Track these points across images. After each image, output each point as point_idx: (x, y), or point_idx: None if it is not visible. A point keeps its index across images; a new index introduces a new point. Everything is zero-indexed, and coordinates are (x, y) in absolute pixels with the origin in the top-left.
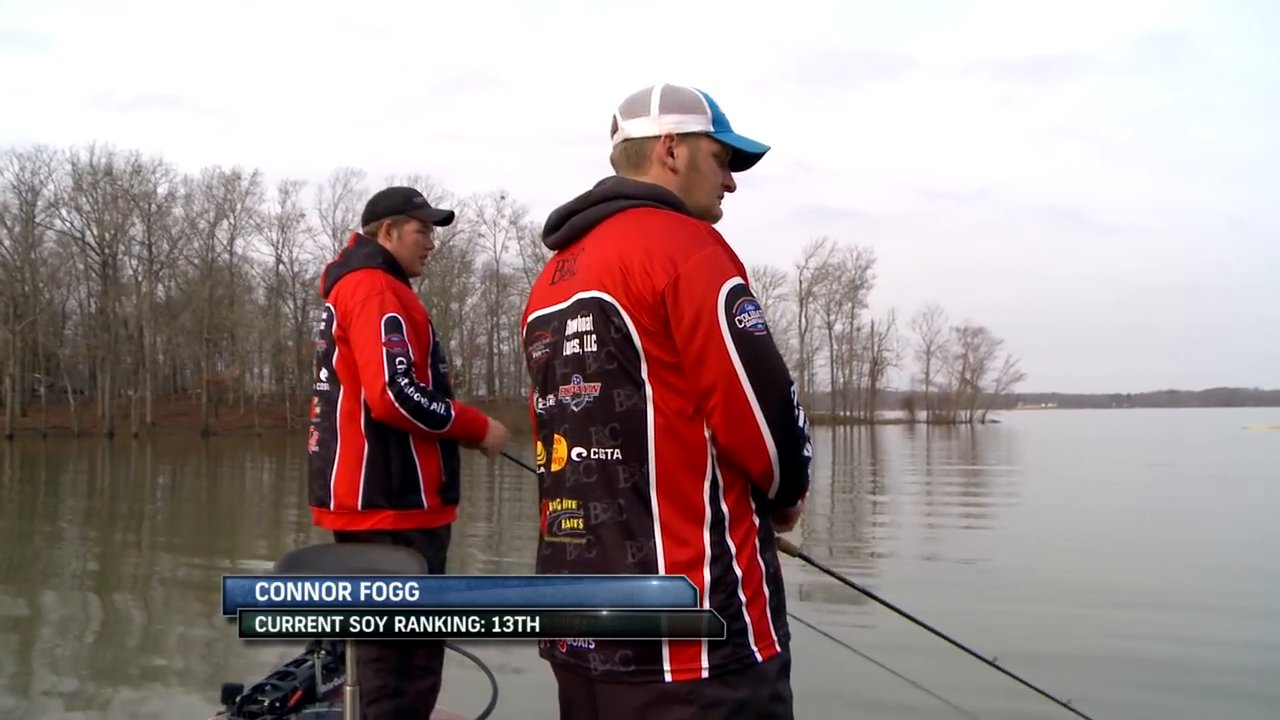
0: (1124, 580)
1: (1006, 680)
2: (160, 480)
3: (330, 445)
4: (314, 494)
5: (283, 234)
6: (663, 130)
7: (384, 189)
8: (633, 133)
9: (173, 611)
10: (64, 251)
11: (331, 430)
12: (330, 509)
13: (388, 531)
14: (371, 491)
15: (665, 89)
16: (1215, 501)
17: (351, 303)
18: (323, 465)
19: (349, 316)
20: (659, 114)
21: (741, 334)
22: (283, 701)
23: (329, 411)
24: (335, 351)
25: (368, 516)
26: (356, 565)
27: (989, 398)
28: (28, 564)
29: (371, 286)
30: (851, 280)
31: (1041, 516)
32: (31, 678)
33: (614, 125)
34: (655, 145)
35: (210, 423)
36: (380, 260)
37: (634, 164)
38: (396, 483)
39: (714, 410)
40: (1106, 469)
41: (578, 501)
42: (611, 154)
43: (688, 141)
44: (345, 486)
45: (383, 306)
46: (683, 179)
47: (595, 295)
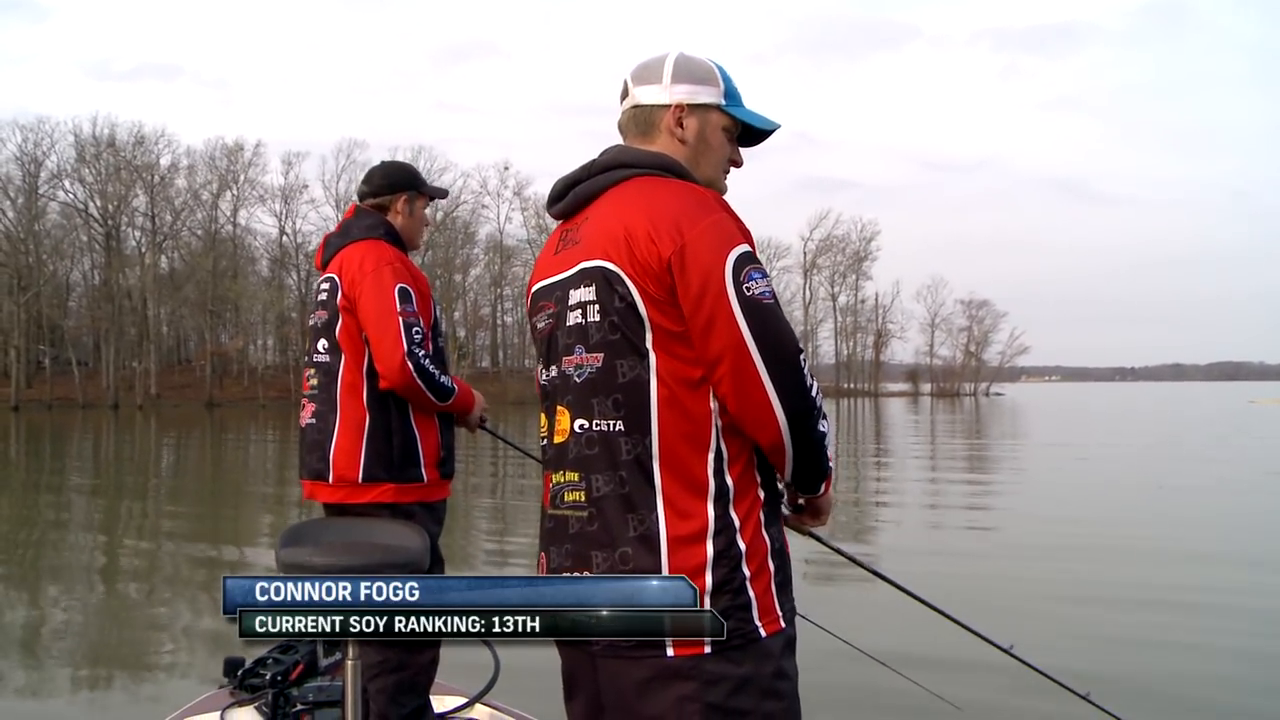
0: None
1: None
2: (165, 453)
3: (328, 417)
4: (309, 467)
5: (286, 205)
6: (674, 100)
7: (389, 161)
8: (643, 99)
9: (175, 586)
10: (67, 223)
11: (330, 402)
12: (328, 482)
13: (387, 505)
14: (372, 464)
15: (680, 57)
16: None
17: (360, 273)
18: (320, 438)
19: (357, 286)
20: (671, 83)
21: (749, 301)
22: (284, 675)
23: (328, 384)
24: (338, 322)
25: (368, 489)
26: (359, 539)
27: (993, 370)
28: (33, 542)
29: (380, 257)
30: (856, 252)
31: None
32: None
33: (625, 90)
34: (665, 114)
35: (214, 394)
36: (383, 232)
37: (642, 131)
38: (397, 455)
39: (722, 379)
40: (1170, 458)
41: (579, 474)
42: (620, 119)
43: (698, 113)
44: (345, 459)
45: (395, 276)
46: (690, 150)
47: (599, 264)
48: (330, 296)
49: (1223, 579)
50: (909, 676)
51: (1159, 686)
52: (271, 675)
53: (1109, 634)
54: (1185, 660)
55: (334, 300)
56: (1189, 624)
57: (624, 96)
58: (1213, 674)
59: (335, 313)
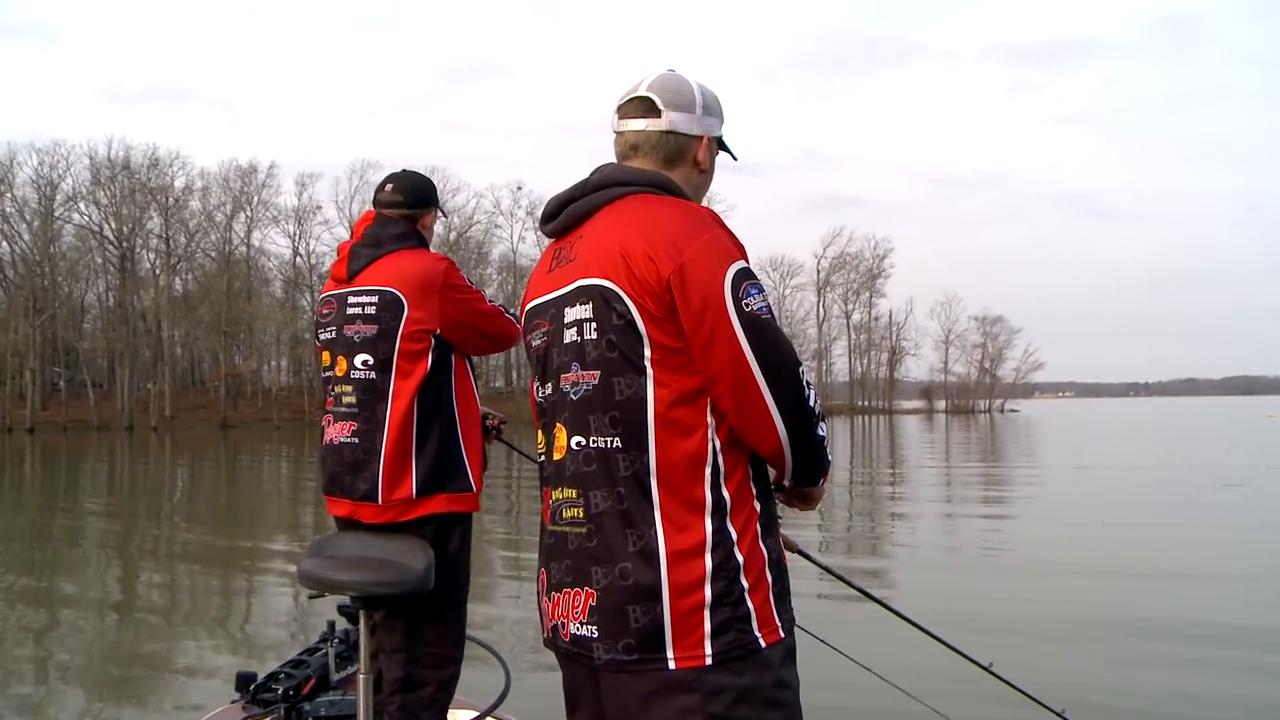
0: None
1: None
2: (180, 474)
3: (374, 436)
4: (353, 488)
5: (299, 226)
6: (704, 131)
7: (414, 172)
8: (679, 127)
9: (189, 601)
10: (82, 245)
11: (375, 420)
12: (378, 503)
13: (440, 515)
14: (426, 478)
15: (702, 88)
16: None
17: (431, 282)
18: (367, 457)
19: (433, 292)
20: (702, 114)
21: (748, 317)
22: (296, 689)
23: (371, 401)
24: (396, 335)
25: (421, 504)
26: (370, 555)
27: (1007, 387)
28: (50, 558)
29: (439, 261)
30: (869, 269)
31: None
32: (47, 671)
33: (649, 108)
34: (696, 145)
35: (228, 415)
36: (418, 242)
37: (668, 157)
38: (448, 467)
39: (723, 395)
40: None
41: (577, 490)
42: (637, 137)
43: (712, 145)
44: (399, 478)
45: (464, 278)
46: (703, 179)
47: (596, 282)
48: (381, 310)
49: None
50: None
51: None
52: (284, 690)
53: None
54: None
55: (388, 314)
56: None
57: (645, 114)
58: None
59: (392, 327)
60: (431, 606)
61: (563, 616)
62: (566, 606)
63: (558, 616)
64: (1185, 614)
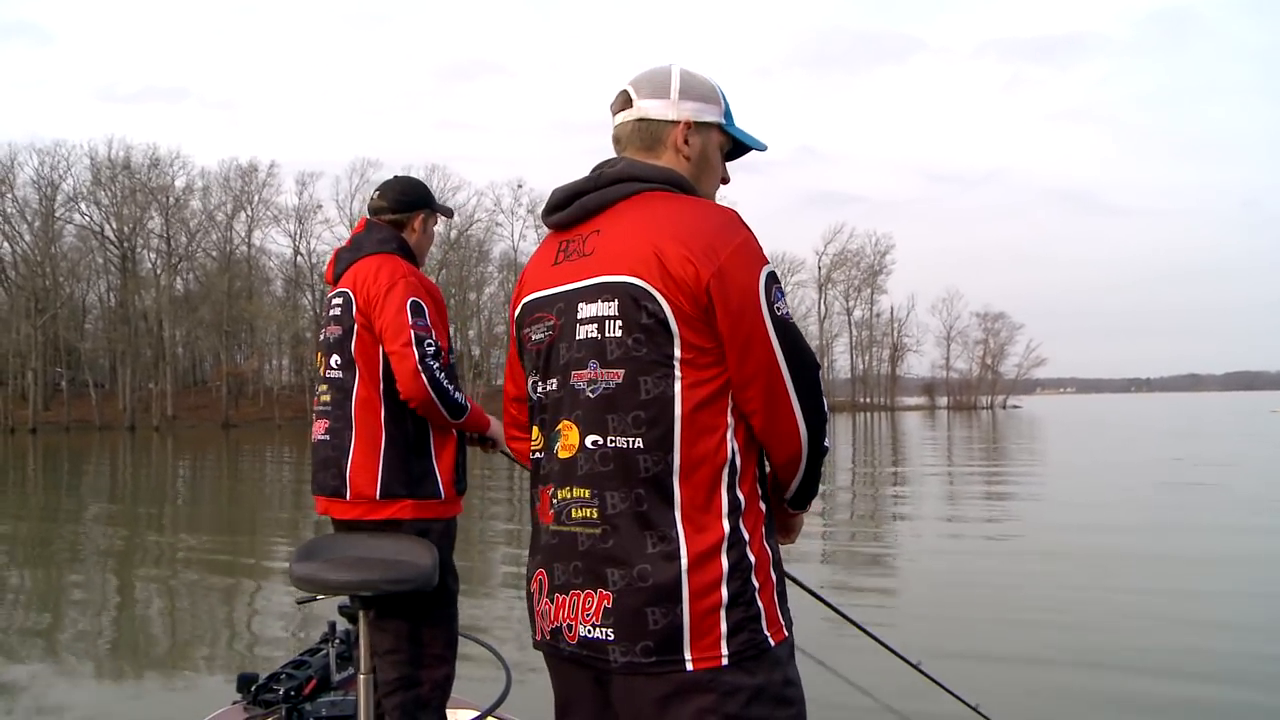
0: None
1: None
2: (181, 474)
3: (344, 434)
4: (325, 484)
5: (300, 225)
6: (681, 116)
7: (404, 177)
8: (650, 113)
9: (189, 602)
10: (83, 245)
11: (345, 418)
12: (345, 498)
13: (406, 521)
14: (390, 480)
15: (684, 74)
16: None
17: (375, 287)
18: (336, 454)
19: (373, 301)
20: (679, 99)
21: (779, 321)
22: (297, 690)
23: (342, 400)
24: (353, 337)
25: (385, 506)
26: (371, 554)
27: (1009, 383)
28: (50, 559)
29: (394, 270)
30: (870, 266)
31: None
32: (50, 671)
33: (625, 100)
34: (672, 130)
35: (230, 415)
36: (395, 246)
37: (646, 145)
38: (415, 472)
39: (754, 397)
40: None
41: (591, 490)
42: (618, 130)
43: (701, 131)
44: (363, 475)
45: (408, 290)
46: (693, 167)
47: (624, 280)
48: (344, 311)
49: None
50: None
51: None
52: (285, 691)
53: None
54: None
55: (348, 315)
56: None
57: (623, 106)
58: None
59: (350, 328)
60: (424, 608)
61: (569, 618)
62: (575, 608)
63: (563, 619)
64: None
